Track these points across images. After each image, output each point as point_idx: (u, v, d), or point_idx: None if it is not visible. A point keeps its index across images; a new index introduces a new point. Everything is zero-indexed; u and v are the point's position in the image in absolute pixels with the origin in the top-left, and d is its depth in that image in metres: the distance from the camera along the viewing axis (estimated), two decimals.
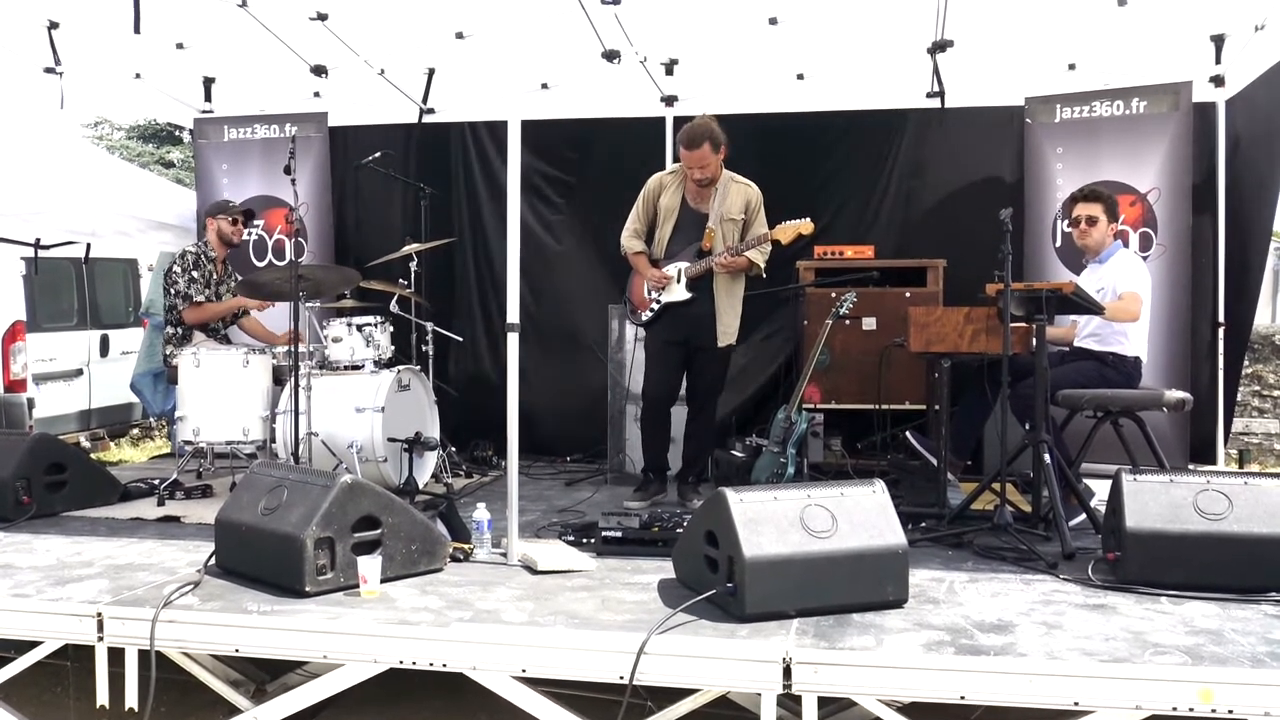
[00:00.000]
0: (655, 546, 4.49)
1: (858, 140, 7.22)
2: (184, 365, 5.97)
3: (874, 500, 3.82)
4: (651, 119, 7.31)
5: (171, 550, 4.66)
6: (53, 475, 5.45)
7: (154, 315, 7.81)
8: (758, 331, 6.95)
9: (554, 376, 7.51)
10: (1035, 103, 6.83)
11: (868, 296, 6.36)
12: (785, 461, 5.61)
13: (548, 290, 7.50)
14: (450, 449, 6.64)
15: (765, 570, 3.54)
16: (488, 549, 4.49)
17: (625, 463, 6.64)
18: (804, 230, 5.44)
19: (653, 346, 5.85)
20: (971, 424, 5.58)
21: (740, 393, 6.98)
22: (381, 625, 3.59)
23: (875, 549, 3.69)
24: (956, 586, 4.03)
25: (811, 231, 5.46)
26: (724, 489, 3.74)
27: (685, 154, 5.50)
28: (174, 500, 5.80)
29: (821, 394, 6.47)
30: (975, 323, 4.98)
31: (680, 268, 5.65)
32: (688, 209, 5.68)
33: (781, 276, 6.67)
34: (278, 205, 7.61)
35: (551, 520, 5.30)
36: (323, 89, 7.52)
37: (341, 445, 5.67)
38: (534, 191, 7.40)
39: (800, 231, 5.45)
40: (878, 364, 6.11)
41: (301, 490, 4.08)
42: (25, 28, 6.44)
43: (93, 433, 9.55)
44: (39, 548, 4.70)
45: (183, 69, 7.41)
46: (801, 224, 5.44)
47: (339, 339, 6.03)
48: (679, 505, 5.65)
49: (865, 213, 7.22)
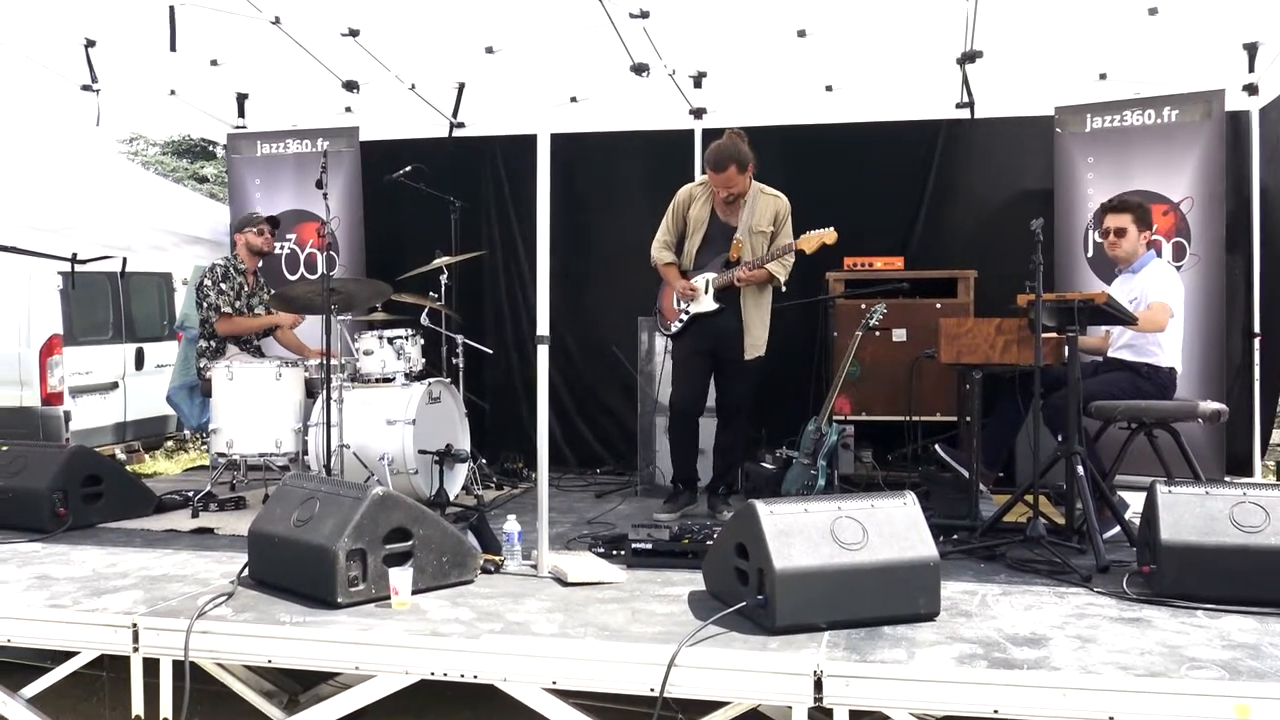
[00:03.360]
0: (685, 558, 4.49)
1: (887, 151, 7.20)
2: (218, 378, 6.03)
3: (905, 512, 3.80)
4: (680, 131, 7.32)
5: (205, 561, 4.70)
6: (89, 487, 5.51)
7: (188, 329, 7.88)
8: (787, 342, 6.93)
9: (584, 388, 7.52)
10: (1066, 112, 6.79)
11: (898, 308, 6.34)
12: (816, 473, 5.59)
13: (577, 302, 7.51)
14: (481, 461, 6.67)
15: (796, 582, 3.53)
16: (518, 561, 4.50)
17: (655, 474, 6.64)
18: (828, 240, 5.45)
19: (680, 357, 5.85)
20: (1003, 436, 5.54)
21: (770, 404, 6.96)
22: (413, 637, 3.60)
23: (907, 561, 3.67)
24: (989, 599, 4.00)
25: (835, 241, 5.47)
26: (754, 501, 3.73)
27: (712, 175, 5.51)
28: (208, 512, 5.85)
29: (852, 406, 6.45)
30: (1007, 334, 4.95)
31: (708, 278, 5.65)
32: (717, 221, 5.68)
33: (811, 288, 6.66)
34: (310, 219, 7.67)
35: (582, 532, 5.30)
36: (354, 104, 7.58)
37: (373, 457, 5.70)
38: (563, 204, 7.41)
39: (824, 241, 5.45)
40: (908, 375, 6.08)
41: (333, 502, 4.10)
42: (63, 46, 6.54)
43: (128, 445, 9.63)
44: (75, 559, 4.75)
45: (217, 85, 7.50)
46: (825, 233, 5.45)
47: (370, 352, 6.06)
48: (709, 517, 5.63)
49: (895, 224, 7.19)
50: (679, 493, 5.85)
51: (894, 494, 3.88)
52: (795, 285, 6.11)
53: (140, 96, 7.39)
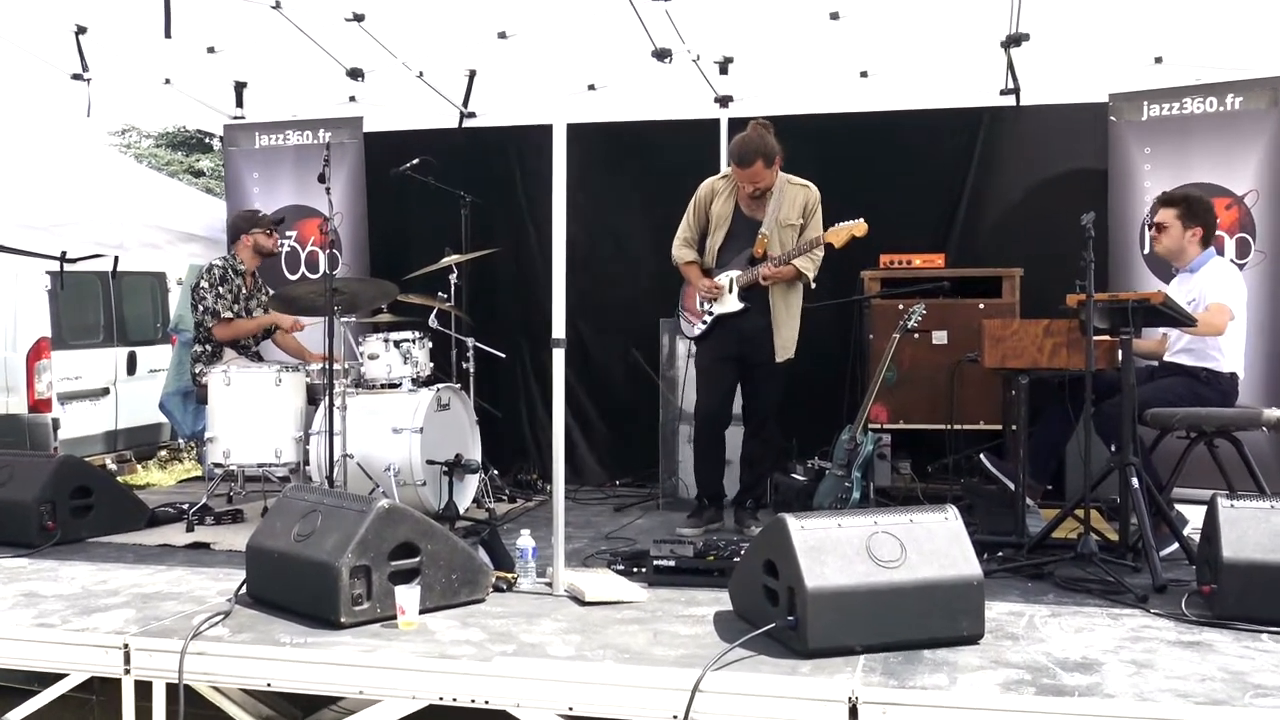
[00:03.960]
0: (711, 576, 4.49)
1: (926, 141, 7.18)
2: (214, 384, 6.07)
3: (946, 527, 3.79)
4: (705, 121, 7.32)
5: (201, 578, 4.73)
6: (78, 499, 5.56)
7: (183, 331, 7.94)
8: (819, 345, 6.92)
9: (602, 395, 7.53)
10: (1120, 99, 6.75)
11: (938, 308, 6.32)
12: (850, 485, 5.59)
13: (595, 303, 7.52)
14: (492, 472, 6.69)
15: (829, 602, 3.52)
16: (532, 578, 4.51)
17: (678, 487, 6.64)
18: (857, 232, 5.45)
19: (704, 362, 5.85)
20: (1052, 445, 5.52)
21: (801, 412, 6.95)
22: (420, 659, 3.61)
23: (948, 580, 3.66)
24: (1037, 621, 3.99)
25: (865, 233, 5.47)
26: (784, 515, 3.73)
27: (737, 171, 5.52)
28: (203, 526, 5.89)
29: (889, 413, 6.44)
30: (1055, 336, 4.93)
31: (732, 276, 5.66)
32: (741, 216, 5.68)
33: (844, 287, 6.65)
34: (311, 215, 7.72)
35: (600, 548, 5.31)
36: (358, 93, 7.62)
37: (378, 468, 5.72)
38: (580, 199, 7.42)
39: (854, 233, 5.45)
40: (949, 381, 6.06)
41: (336, 516, 4.12)
42: (53, 33, 6.60)
43: (119, 455, 9.71)
44: (64, 575, 4.79)
45: (213, 73, 7.54)
46: (855, 225, 5.45)
47: (375, 356, 6.09)
48: (736, 532, 5.64)
49: (935, 219, 7.17)
50: (704, 506, 5.86)
51: (934, 508, 3.88)
52: (827, 284, 6.11)
53: (133, 86, 7.45)
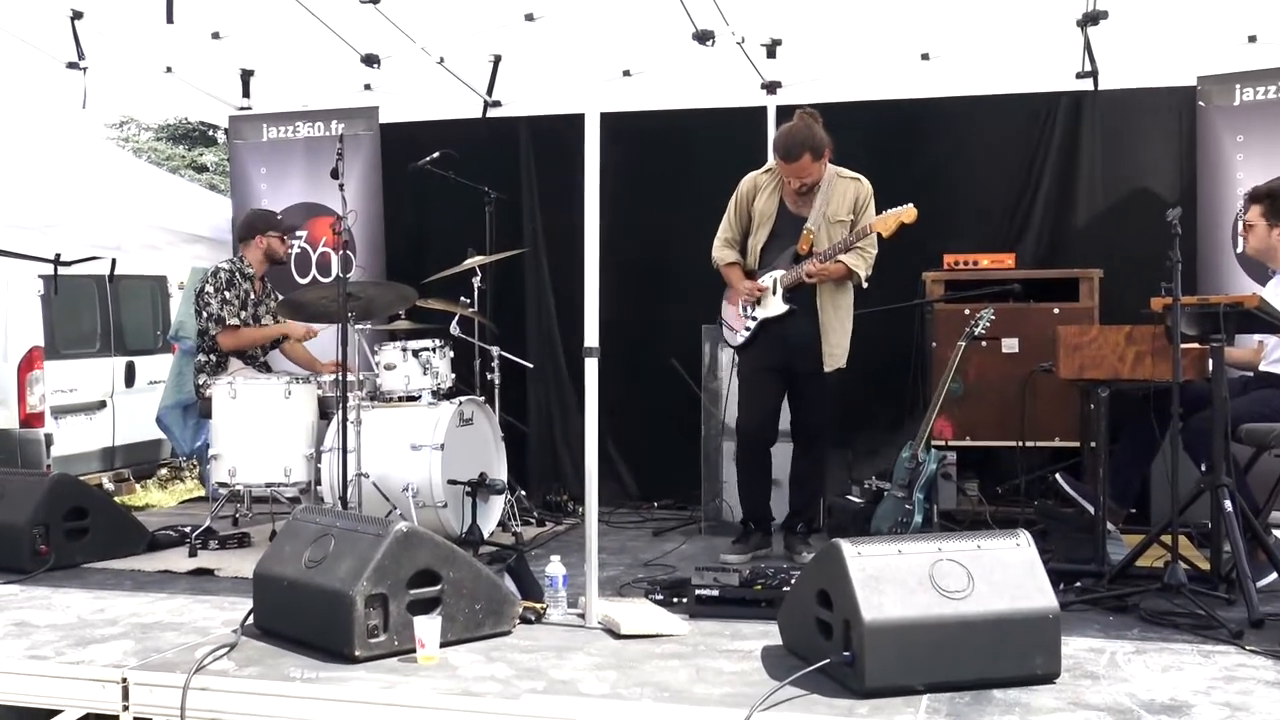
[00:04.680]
0: (758, 607, 4.47)
1: (994, 130, 7.15)
2: (218, 396, 6.11)
3: (1018, 555, 3.77)
4: (751, 109, 7.31)
5: (204, 607, 4.76)
6: (73, 522, 5.62)
7: (184, 339, 8.01)
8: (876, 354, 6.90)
9: (639, 409, 7.52)
10: (1210, 82, 6.69)
11: (1008, 313, 6.28)
12: (911, 508, 5.56)
13: (631, 309, 7.50)
14: (520, 493, 6.70)
15: (889, 637, 3.51)
16: (563, 609, 4.51)
17: (722, 509, 6.63)
18: (906, 218, 5.42)
19: (747, 372, 5.84)
20: (1135, 464, 5.49)
21: (856, 427, 6.92)
22: (441, 696, 3.62)
23: (1020, 613, 3.63)
24: (1119, 659, 3.96)
25: (914, 219, 5.43)
26: (839, 540, 3.72)
27: (782, 165, 5.51)
28: (207, 550, 5.93)
29: (954, 429, 6.40)
30: (1139, 344, 4.90)
31: (775, 276, 5.64)
32: (786, 213, 5.68)
33: (903, 290, 6.62)
34: (323, 213, 7.76)
35: (637, 576, 5.31)
36: (374, 81, 7.67)
37: (396, 488, 5.75)
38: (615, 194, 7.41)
39: (902, 220, 5.42)
40: (1021, 393, 6.02)
41: (350, 540, 4.14)
42: (46, 18, 6.68)
43: (117, 473, 9.77)
44: (58, 604, 4.84)
45: (218, 61, 7.62)
46: (903, 211, 5.42)
47: (392, 366, 6.12)
48: (785, 559, 5.62)
49: (1004, 215, 7.13)
50: (750, 531, 5.84)
51: (1005, 533, 3.86)
52: (885, 286, 6.08)
53: (132, 75, 7.53)
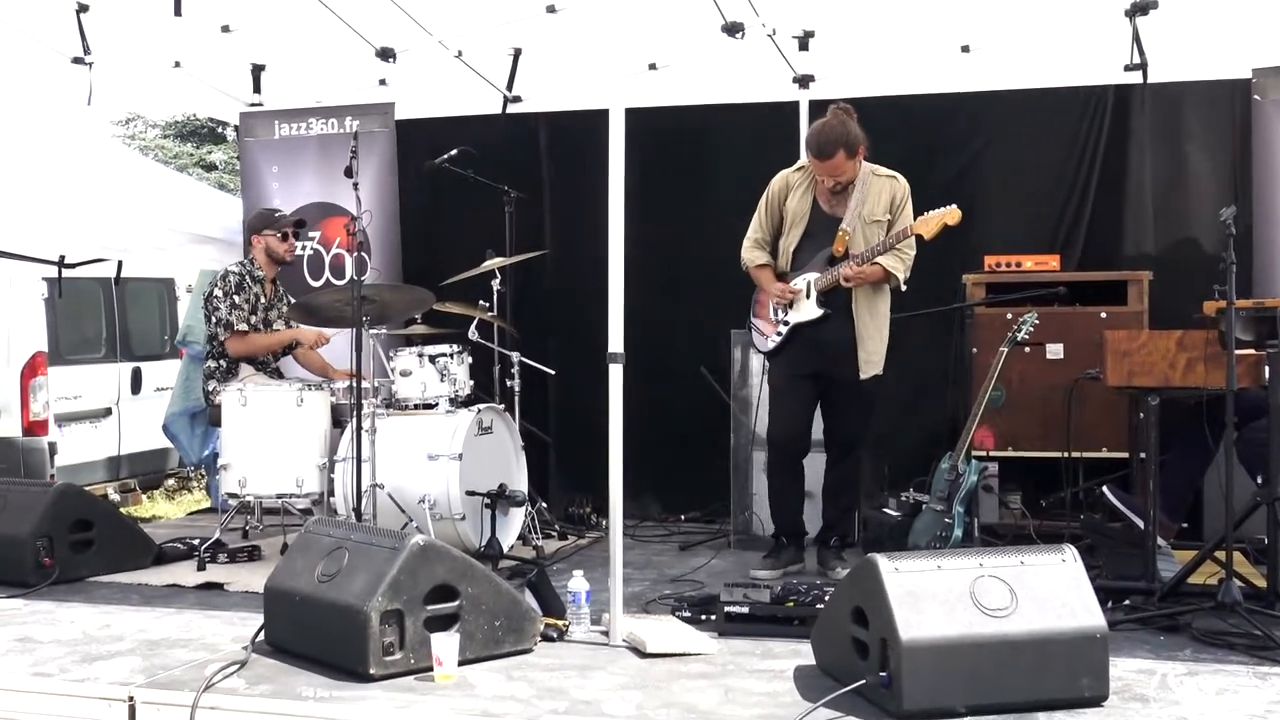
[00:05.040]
0: (790, 625, 4.47)
1: (1038, 125, 7.12)
2: (228, 404, 6.14)
3: (1064, 571, 3.76)
4: (782, 104, 7.30)
5: (214, 623, 4.79)
6: (78, 534, 5.67)
7: (192, 344, 8.06)
8: (913, 360, 6.88)
9: (666, 418, 7.51)
10: (1265, 75, 6.65)
11: (1053, 317, 6.26)
12: (951, 522, 5.54)
13: (657, 313, 7.50)
14: (540, 505, 6.71)
15: (927, 657, 3.50)
16: (586, 626, 4.52)
17: (752, 523, 6.62)
18: (949, 220, 5.41)
19: (778, 379, 5.84)
20: (1187, 476, 5.46)
21: (893, 437, 6.91)
22: (459, 717, 3.63)
23: (1066, 632, 3.63)
24: (1171, 681, 3.94)
25: (958, 221, 5.42)
26: (875, 555, 3.72)
27: (815, 163, 5.51)
28: (216, 564, 5.96)
29: (996, 438, 6.38)
30: (1190, 349, 4.87)
31: (809, 279, 5.64)
32: (819, 212, 5.67)
33: (943, 293, 6.61)
34: (336, 214, 7.79)
35: (663, 592, 5.32)
36: (390, 75, 7.69)
37: (412, 500, 5.77)
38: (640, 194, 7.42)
39: (945, 222, 5.41)
40: (1066, 402, 6.00)
41: (365, 554, 4.15)
42: (51, 11, 6.72)
43: (123, 483, 9.81)
44: (62, 618, 4.88)
45: (228, 55, 7.65)
46: (947, 212, 5.41)
47: (408, 372, 6.14)
48: (819, 575, 5.62)
49: (1049, 214, 7.10)
50: (781, 545, 5.84)
51: (1049, 548, 3.86)
52: (923, 289, 6.07)
53: (139, 70, 7.58)
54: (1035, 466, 6.47)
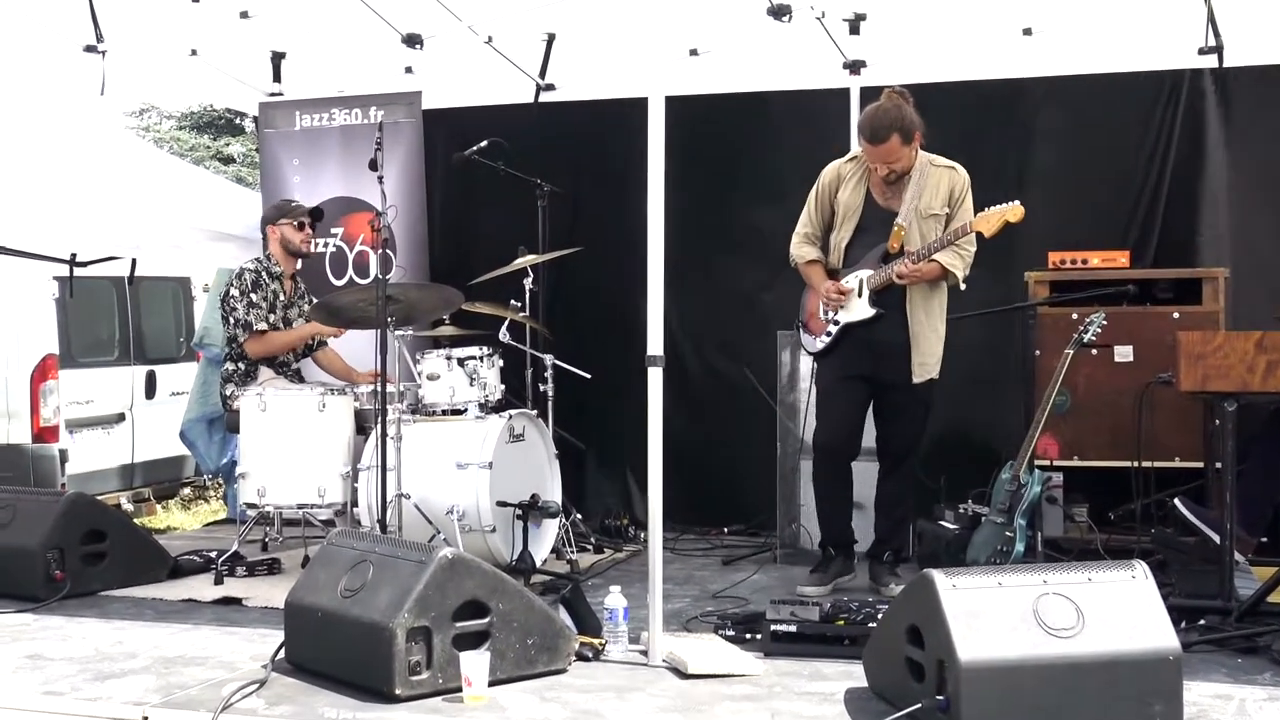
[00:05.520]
0: (840, 645, 4.47)
1: (1105, 113, 7.08)
2: (246, 409, 6.17)
3: (1134, 589, 3.74)
4: (832, 91, 7.29)
5: (232, 640, 4.83)
6: (90, 545, 5.72)
7: (209, 346, 8.10)
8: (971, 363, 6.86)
9: (708, 424, 7.52)
10: None
11: (1121, 318, 6.23)
12: (1012, 535, 5.52)
13: (699, 313, 7.52)
14: (575, 516, 6.72)
15: (987, 679, 3.49)
16: (624, 645, 4.52)
17: (799, 535, 6.61)
18: (1012, 217, 5.38)
19: (827, 382, 5.82)
20: (1267, 488, 5.42)
21: (950, 444, 6.88)
22: None
23: (1136, 654, 3.60)
24: (1250, 707, 3.92)
25: (1021, 218, 5.39)
26: (931, 571, 3.71)
27: (868, 148, 5.49)
28: (234, 578, 6.00)
29: (1060, 447, 6.35)
30: (1271, 352, 4.83)
31: (861, 277, 5.62)
32: (873, 205, 5.66)
33: (1003, 291, 6.58)
34: (361, 209, 7.82)
35: (705, 609, 5.32)
36: (416, 63, 7.72)
37: (440, 511, 5.79)
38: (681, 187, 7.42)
39: (1007, 219, 5.39)
40: (1136, 407, 5.96)
41: (390, 567, 4.17)
42: None
43: (136, 493, 9.88)
44: (74, 634, 4.92)
45: (247, 42, 7.71)
46: (1009, 209, 5.38)
47: (436, 376, 6.16)
48: (871, 591, 5.60)
49: (1117, 207, 7.06)
50: (831, 559, 5.82)
51: (1118, 564, 3.84)
52: (983, 288, 6.04)
53: (154, 58, 7.64)
54: (1103, 477, 6.43)
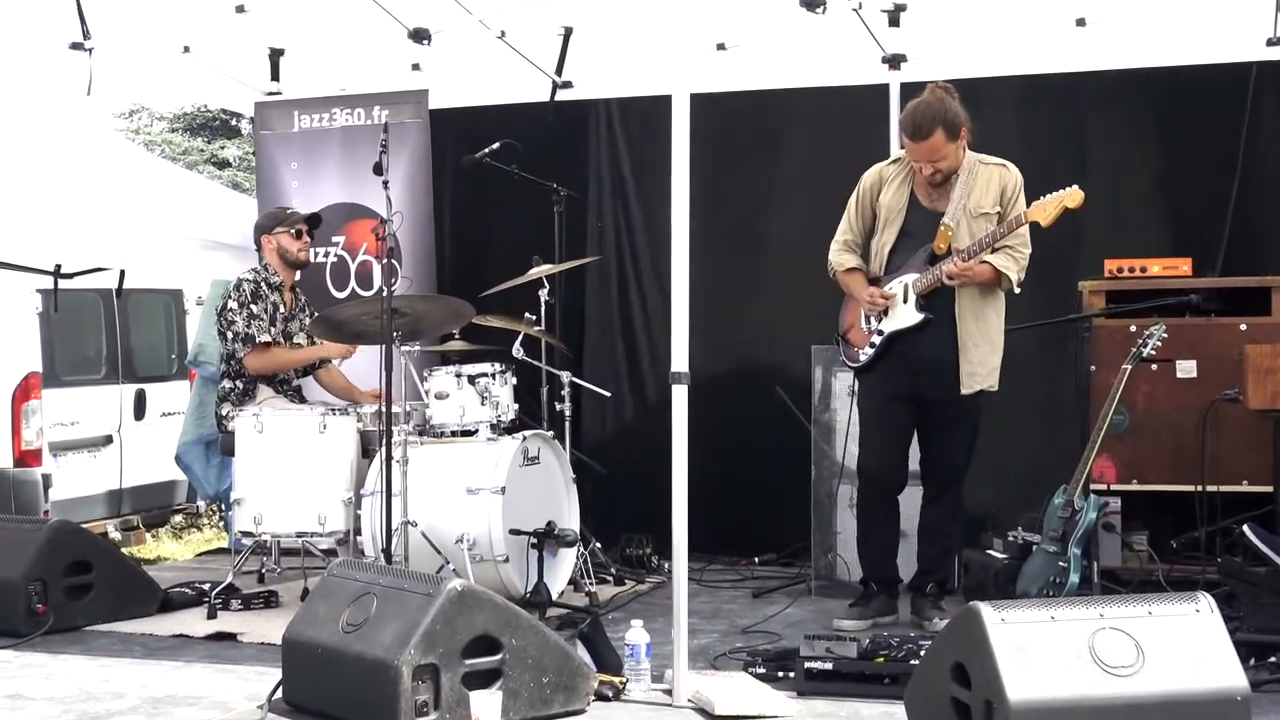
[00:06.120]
0: (880, 684, 4.46)
1: (1166, 110, 7.08)
2: (242, 430, 6.18)
3: (1198, 623, 3.72)
4: (869, 88, 7.29)
5: (226, 679, 4.83)
6: (75, 577, 5.73)
7: (204, 364, 8.13)
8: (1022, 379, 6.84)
9: (737, 446, 7.51)
10: None
11: (1184, 330, 6.21)
12: (1066, 565, 5.50)
13: (729, 326, 7.52)
14: (594, 545, 6.71)
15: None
16: (646, 684, 4.52)
17: (836, 566, 6.60)
18: (1070, 203, 5.34)
19: (870, 401, 5.82)
20: None
21: (998, 467, 6.86)
22: None
23: (1201, 694, 3.59)
24: None
25: (1080, 204, 5.35)
26: (978, 604, 3.70)
27: (911, 145, 5.48)
28: (229, 612, 6.01)
29: (1118, 470, 6.33)
30: None
31: (906, 282, 5.60)
32: (918, 208, 5.65)
33: (1054, 301, 6.56)
34: (364, 215, 7.84)
35: (734, 645, 5.31)
36: (424, 59, 7.74)
37: (449, 539, 5.79)
38: (708, 191, 7.44)
39: (1065, 205, 5.34)
40: (1200, 427, 5.94)
41: (395, 600, 4.17)
42: None
43: (125, 520, 9.89)
44: (57, 672, 4.93)
45: (244, 39, 7.73)
46: (1067, 194, 5.34)
47: (445, 395, 6.16)
48: (913, 626, 5.59)
49: (1179, 211, 7.05)
50: (871, 593, 5.81)
51: (1181, 596, 3.81)
52: (1034, 299, 6.03)
53: (144, 56, 7.66)
54: (1164, 502, 6.41)
